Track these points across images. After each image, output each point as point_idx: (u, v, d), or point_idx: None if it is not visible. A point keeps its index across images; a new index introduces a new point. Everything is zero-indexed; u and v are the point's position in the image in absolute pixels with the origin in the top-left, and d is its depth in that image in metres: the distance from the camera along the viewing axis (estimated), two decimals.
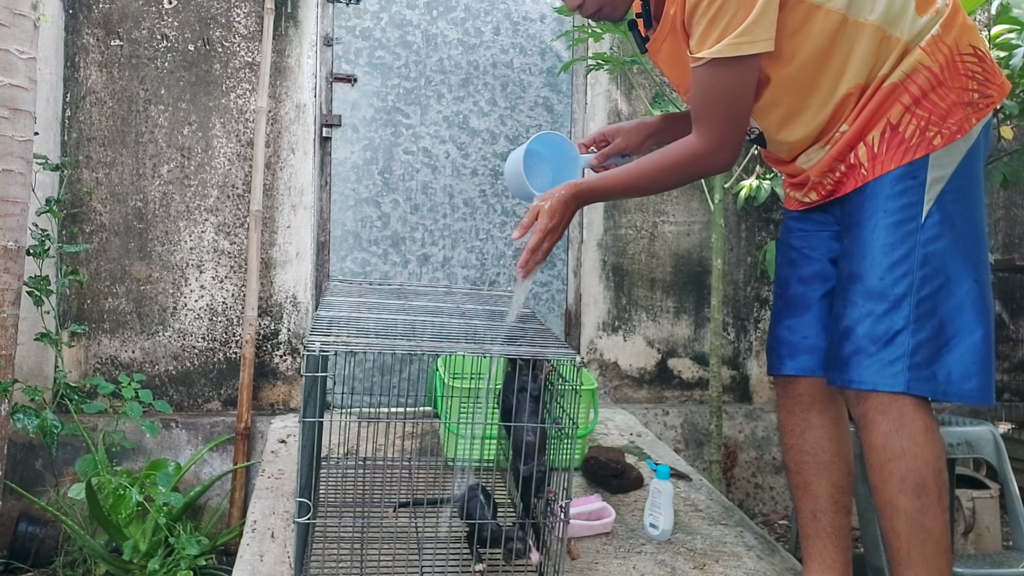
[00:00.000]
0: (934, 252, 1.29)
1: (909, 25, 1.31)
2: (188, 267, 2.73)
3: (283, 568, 1.51)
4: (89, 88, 2.66)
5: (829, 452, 1.51)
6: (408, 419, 2.19)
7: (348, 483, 1.81)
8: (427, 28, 2.97)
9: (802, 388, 1.52)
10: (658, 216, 3.06)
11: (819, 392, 1.50)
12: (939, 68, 1.31)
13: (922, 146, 1.31)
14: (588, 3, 1.48)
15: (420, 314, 1.53)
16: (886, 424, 1.29)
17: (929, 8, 1.32)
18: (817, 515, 1.52)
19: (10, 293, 2.06)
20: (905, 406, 1.28)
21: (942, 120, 1.31)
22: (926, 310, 1.28)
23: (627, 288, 3.05)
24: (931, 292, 1.28)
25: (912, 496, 1.28)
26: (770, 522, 3.04)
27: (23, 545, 2.44)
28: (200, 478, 2.65)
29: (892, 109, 1.33)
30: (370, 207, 2.94)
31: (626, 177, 1.44)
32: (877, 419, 1.30)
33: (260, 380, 2.77)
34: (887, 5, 1.31)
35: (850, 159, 1.37)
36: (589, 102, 3.01)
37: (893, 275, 1.30)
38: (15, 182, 2.05)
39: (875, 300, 1.31)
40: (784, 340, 1.52)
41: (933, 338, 1.28)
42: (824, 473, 1.51)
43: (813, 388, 1.50)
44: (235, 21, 2.74)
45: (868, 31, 1.30)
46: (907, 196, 1.30)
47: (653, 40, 1.47)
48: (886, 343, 1.29)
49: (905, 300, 1.28)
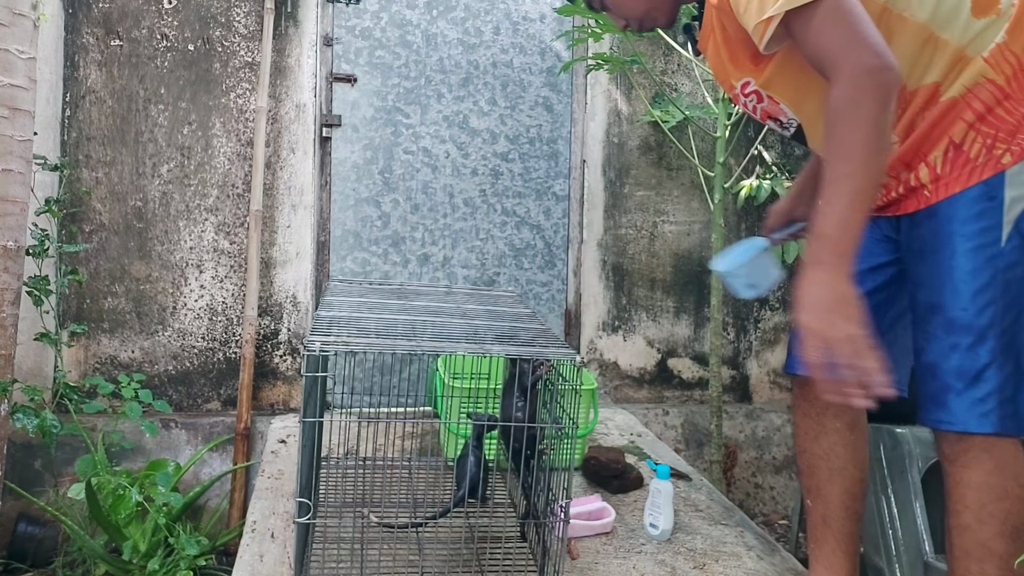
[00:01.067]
0: (1014, 278, 1.20)
1: (963, 28, 1.22)
2: (188, 267, 2.73)
3: (283, 568, 1.51)
4: (89, 87, 2.66)
5: (843, 458, 1.46)
6: (408, 419, 2.19)
7: (348, 483, 1.80)
8: (427, 28, 2.97)
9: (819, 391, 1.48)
10: (658, 216, 3.06)
11: None
12: (1005, 80, 1.21)
13: (990, 165, 1.21)
14: (632, 22, 1.45)
15: (420, 314, 1.53)
16: (990, 462, 1.22)
17: (990, 10, 1.21)
18: (827, 520, 1.49)
19: (10, 293, 2.06)
20: (1006, 445, 1.22)
21: (1011, 136, 1.21)
22: (1008, 341, 1.21)
23: (627, 288, 3.05)
24: (1011, 322, 1.21)
25: (1010, 540, 1.21)
26: (770, 522, 3.04)
27: (22, 545, 2.44)
28: (200, 478, 2.65)
29: (954, 127, 1.24)
30: (370, 207, 2.94)
31: (833, 190, 1.12)
32: (981, 456, 1.23)
33: (260, 380, 2.77)
34: (936, 3, 1.21)
35: (910, 180, 1.29)
36: (589, 102, 3.01)
37: (976, 305, 1.21)
38: (15, 182, 2.04)
39: (959, 333, 1.22)
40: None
41: (1015, 372, 1.21)
42: (837, 479, 1.47)
43: None
44: (235, 21, 2.74)
45: (912, 29, 1.22)
46: (985, 219, 1.21)
47: (700, 39, 1.44)
48: (974, 379, 1.21)
49: (990, 332, 1.21)
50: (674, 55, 3.04)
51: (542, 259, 3.09)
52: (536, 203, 3.07)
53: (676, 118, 2.87)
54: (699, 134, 2.99)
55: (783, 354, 3.16)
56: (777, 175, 2.97)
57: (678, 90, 3.05)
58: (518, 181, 3.06)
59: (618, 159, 3.02)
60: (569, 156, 3.10)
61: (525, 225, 3.07)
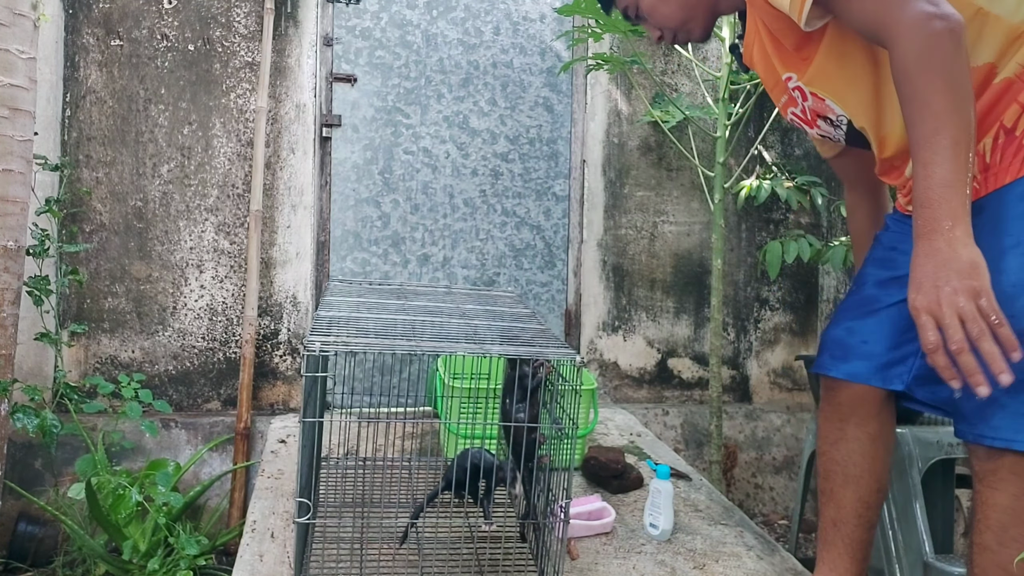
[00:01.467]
0: None
1: (1016, 2, 1.13)
2: (188, 267, 2.73)
3: (283, 568, 1.51)
4: (89, 88, 2.66)
5: (860, 467, 1.42)
6: (408, 419, 2.19)
7: (348, 483, 1.81)
8: (427, 28, 2.97)
9: (844, 396, 1.41)
10: (658, 216, 3.06)
11: (861, 404, 1.39)
12: None
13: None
14: (667, 34, 1.43)
15: (420, 314, 1.53)
16: (1018, 485, 1.15)
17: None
18: (838, 524, 1.46)
19: (10, 293, 2.06)
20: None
21: None
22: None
23: (627, 288, 3.05)
24: None
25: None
26: (770, 522, 3.04)
27: (22, 545, 2.44)
28: (200, 478, 2.65)
29: (1007, 111, 1.14)
30: (370, 207, 2.94)
31: (927, 151, 1.01)
32: (1009, 478, 1.15)
33: (260, 380, 2.77)
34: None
35: None
36: (589, 102, 3.01)
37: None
38: (15, 182, 2.05)
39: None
40: (840, 341, 1.40)
41: None
42: (852, 486, 1.43)
43: (855, 398, 1.39)
44: (235, 21, 2.74)
45: (956, 3, 1.10)
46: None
47: (745, 50, 1.40)
48: (1020, 390, 1.09)
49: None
50: (674, 55, 3.04)
51: (542, 259, 3.09)
52: (536, 203, 3.08)
53: (676, 118, 2.87)
54: (699, 134, 2.99)
55: (783, 354, 3.16)
56: (777, 175, 2.97)
57: (678, 90, 3.05)
58: (518, 181, 3.06)
59: (618, 159, 3.02)
60: (569, 156, 3.10)
61: (525, 225, 3.07)
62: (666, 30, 1.44)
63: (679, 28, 1.43)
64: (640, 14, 1.46)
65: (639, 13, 1.46)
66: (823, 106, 1.37)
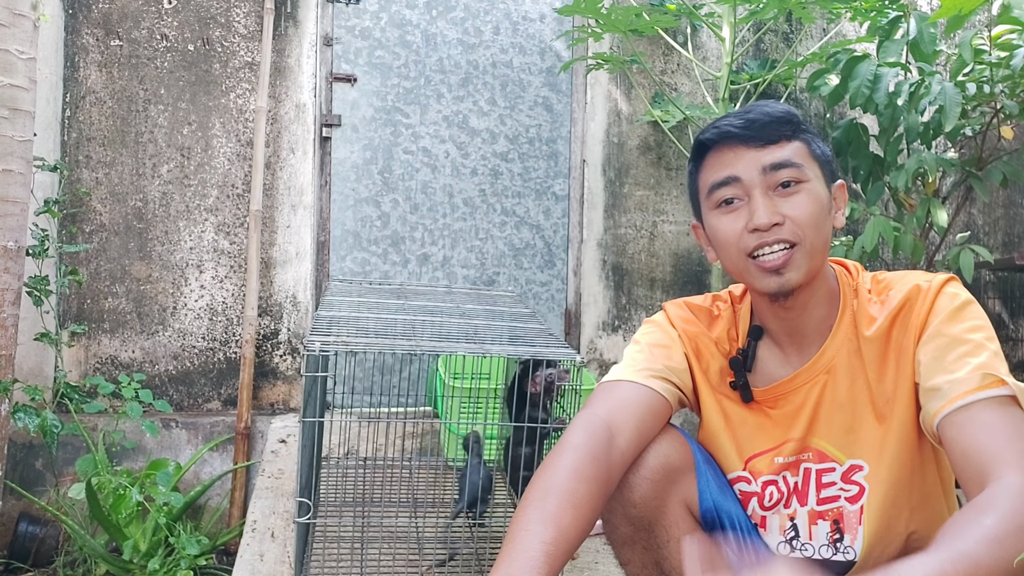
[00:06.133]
0: None
1: None
2: (188, 267, 2.73)
3: (283, 568, 1.51)
4: (89, 88, 2.66)
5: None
6: (408, 419, 2.19)
7: (348, 483, 1.81)
8: (427, 28, 2.97)
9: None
10: (658, 215, 3.06)
11: None
12: None
13: None
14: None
15: (420, 314, 1.53)
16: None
17: None
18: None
19: (10, 293, 2.06)
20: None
21: None
22: None
23: (627, 288, 3.05)
24: None
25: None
26: None
27: (23, 545, 2.44)
28: (200, 478, 2.65)
29: None
30: (370, 207, 2.94)
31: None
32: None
33: (260, 380, 2.77)
34: None
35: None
36: (589, 102, 3.01)
37: None
38: (15, 182, 2.05)
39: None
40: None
41: None
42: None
43: None
44: (235, 21, 2.74)
45: None
46: None
47: (782, 386, 1.21)
48: None
49: None
50: (674, 55, 3.04)
51: (542, 259, 3.09)
52: (536, 203, 3.08)
53: (676, 118, 2.87)
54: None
55: None
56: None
57: (678, 90, 3.05)
58: (518, 181, 3.06)
59: (618, 159, 3.02)
60: (569, 156, 3.10)
61: (525, 225, 3.07)
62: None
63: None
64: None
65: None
66: (855, 518, 1.17)
